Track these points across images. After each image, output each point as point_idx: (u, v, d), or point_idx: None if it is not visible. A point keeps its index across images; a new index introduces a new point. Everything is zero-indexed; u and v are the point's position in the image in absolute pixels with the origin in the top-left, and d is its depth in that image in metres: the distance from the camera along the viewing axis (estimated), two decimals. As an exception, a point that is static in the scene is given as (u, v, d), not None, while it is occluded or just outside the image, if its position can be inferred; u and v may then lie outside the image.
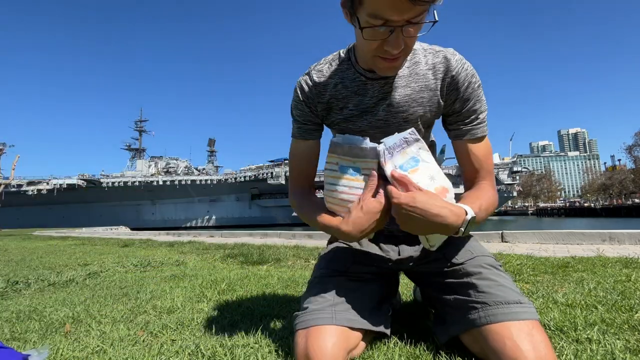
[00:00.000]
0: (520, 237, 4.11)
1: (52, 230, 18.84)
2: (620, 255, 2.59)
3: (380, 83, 0.93)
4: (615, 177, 74.25)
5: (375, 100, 0.94)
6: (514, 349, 0.73)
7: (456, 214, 0.78)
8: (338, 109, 0.98)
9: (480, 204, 0.86)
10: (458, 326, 0.86)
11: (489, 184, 0.95)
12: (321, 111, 0.99)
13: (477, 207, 0.83)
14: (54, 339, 1.19)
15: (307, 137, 1.02)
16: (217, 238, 7.02)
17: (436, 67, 0.92)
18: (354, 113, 0.97)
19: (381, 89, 0.93)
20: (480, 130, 0.94)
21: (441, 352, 0.86)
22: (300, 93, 0.98)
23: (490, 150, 0.97)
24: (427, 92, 0.93)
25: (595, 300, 1.32)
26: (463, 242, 0.98)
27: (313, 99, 0.97)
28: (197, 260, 3.42)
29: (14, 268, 3.28)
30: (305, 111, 0.99)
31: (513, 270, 2.10)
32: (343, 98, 0.96)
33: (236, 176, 48.47)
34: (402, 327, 1.08)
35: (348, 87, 0.95)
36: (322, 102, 0.98)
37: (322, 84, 0.96)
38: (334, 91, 0.96)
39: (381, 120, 0.96)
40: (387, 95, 0.93)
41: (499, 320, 0.78)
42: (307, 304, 0.91)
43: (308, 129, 1.01)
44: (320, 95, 0.97)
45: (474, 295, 0.85)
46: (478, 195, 0.90)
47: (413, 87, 0.92)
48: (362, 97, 0.95)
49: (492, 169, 0.97)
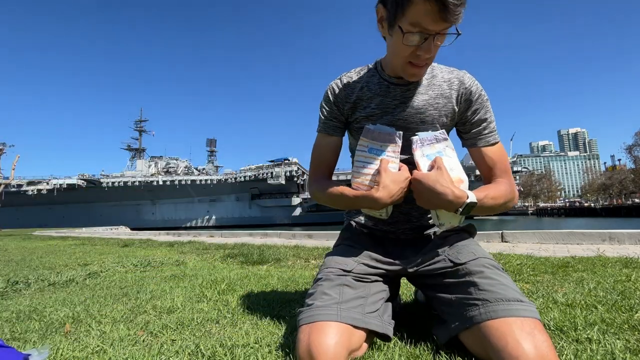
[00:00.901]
0: (520, 237, 4.11)
1: (52, 230, 18.84)
2: (620, 255, 2.59)
3: (402, 89, 1.08)
4: (615, 177, 74.26)
5: (396, 102, 1.08)
6: (515, 347, 0.73)
7: (457, 196, 0.90)
8: (362, 107, 1.12)
9: (487, 193, 0.98)
10: (459, 324, 0.86)
11: (504, 180, 1.06)
12: (347, 110, 1.13)
13: (483, 195, 0.96)
14: (54, 339, 1.19)
15: (331, 132, 1.17)
16: (217, 238, 7.02)
17: (451, 81, 1.08)
18: (376, 112, 1.10)
19: (402, 94, 1.08)
20: (492, 137, 1.08)
21: (441, 352, 0.86)
22: (330, 94, 1.15)
23: (503, 153, 1.09)
24: (442, 99, 1.08)
25: (595, 300, 1.32)
26: (466, 245, 1.03)
27: (342, 98, 1.13)
28: (197, 260, 3.41)
29: (14, 268, 3.28)
30: (333, 109, 1.15)
31: (513, 270, 2.10)
32: (368, 98, 1.11)
33: (236, 176, 48.49)
34: (402, 327, 1.08)
35: (372, 90, 1.11)
36: (349, 101, 1.13)
37: (351, 86, 1.13)
38: (360, 92, 1.12)
39: (401, 120, 1.08)
40: (407, 100, 1.08)
41: (499, 316, 0.78)
42: (312, 301, 0.93)
43: (333, 125, 1.16)
44: (348, 96, 1.13)
45: (475, 293, 0.86)
46: (488, 187, 1.03)
47: (430, 94, 1.08)
48: (384, 98, 1.09)
49: (508, 168, 1.09)
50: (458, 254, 0.99)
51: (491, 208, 0.99)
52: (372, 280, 1.03)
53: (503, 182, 1.05)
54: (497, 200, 0.99)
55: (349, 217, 1.29)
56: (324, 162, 1.19)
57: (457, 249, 1.02)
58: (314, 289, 0.98)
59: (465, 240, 1.07)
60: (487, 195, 0.97)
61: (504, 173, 1.07)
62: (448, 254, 1.01)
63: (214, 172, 57.98)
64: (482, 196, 0.96)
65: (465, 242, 1.06)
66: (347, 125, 1.17)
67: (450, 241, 1.06)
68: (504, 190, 1.02)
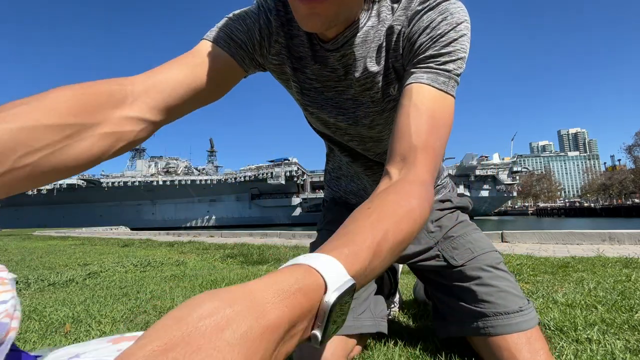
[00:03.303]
0: (520, 237, 4.11)
1: (52, 230, 18.83)
2: (620, 255, 2.59)
3: (335, 56, 0.68)
4: (615, 177, 74.31)
5: (340, 73, 0.71)
6: (511, 359, 0.73)
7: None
8: (293, 68, 0.73)
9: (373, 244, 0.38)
10: (457, 330, 0.85)
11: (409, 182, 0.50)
12: (274, 56, 0.71)
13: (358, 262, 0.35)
14: (54, 339, 1.19)
15: (233, 53, 0.64)
16: (217, 238, 7.02)
17: (392, 24, 0.66)
18: (314, 85, 0.74)
19: (340, 61, 0.69)
20: (428, 74, 0.57)
21: (441, 352, 0.86)
22: (258, 12, 0.67)
23: (443, 119, 0.56)
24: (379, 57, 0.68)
25: (595, 300, 1.32)
26: (462, 235, 0.92)
27: (271, 32, 0.68)
28: (197, 260, 3.41)
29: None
30: (253, 33, 0.66)
31: (513, 270, 2.10)
32: (300, 58, 0.71)
33: (236, 176, 48.53)
34: (402, 327, 1.08)
35: (306, 46, 0.69)
36: (279, 42, 0.70)
37: (282, 21, 0.69)
38: (292, 44, 0.70)
39: (350, 100, 0.74)
40: (350, 69, 0.70)
41: (498, 333, 0.77)
42: None
43: (241, 52, 0.65)
44: (278, 33, 0.69)
45: (473, 304, 0.82)
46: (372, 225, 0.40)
47: (366, 55, 0.68)
48: (321, 67, 0.71)
49: (432, 145, 0.54)
50: (453, 252, 0.89)
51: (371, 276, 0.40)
52: None
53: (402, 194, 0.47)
54: (392, 250, 0.41)
55: (330, 187, 1.07)
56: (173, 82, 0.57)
57: (452, 242, 0.91)
58: None
59: (461, 224, 0.94)
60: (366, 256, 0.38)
61: (421, 153, 0.53)
62: (442, 248, 0.91)
63: (214, 172, 57.99)
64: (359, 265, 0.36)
65: (462, 228, 0.93)
66: (258, 67, 0.71)
67: (444, 227, 0.94)
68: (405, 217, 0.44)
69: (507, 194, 52.39)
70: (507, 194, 52.56)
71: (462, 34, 0.58)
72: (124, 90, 0.52)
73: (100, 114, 0.49)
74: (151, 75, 0.57)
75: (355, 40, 0.66)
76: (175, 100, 0.58)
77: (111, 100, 0.50)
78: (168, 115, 0.58)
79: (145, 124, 0.55)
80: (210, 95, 0.64)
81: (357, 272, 0.35)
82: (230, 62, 0.64)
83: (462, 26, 0.58)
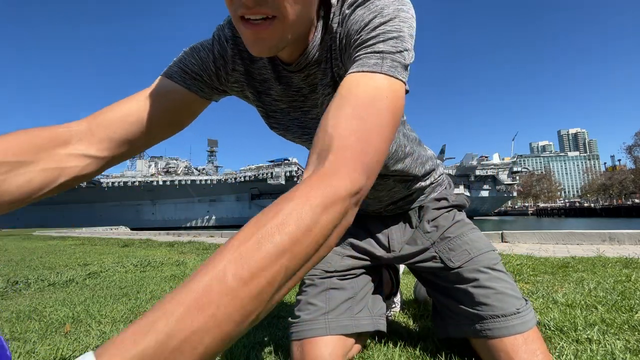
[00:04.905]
0: (520, 237, 4.11)
1: (52, 230, 18.83)
2: (620, 255, 2.59)
3: (298, 76, 0.67)
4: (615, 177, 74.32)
5: (305, 92, 0.69)
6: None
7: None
8: (256, 92, 0.72)
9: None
10: (455, 331, 0.85)
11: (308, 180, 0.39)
12: (234, 83, 0.70)
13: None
14: (54, 339, 1.19)
15: (189, 85, 0.65)
16: (217, 238, 7.02)
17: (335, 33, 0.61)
18: (280, 105, 0.72)
19: (305, 81, 0.67)
20: (362, 62, 0.50)
21: (441, 352, 0.86)
22: (213, 43, 0.67)
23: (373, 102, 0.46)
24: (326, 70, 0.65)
25: (595, 301, 1.32)
26: (459, 235, 0.91)
27: (227, 61, 0.68)
28: (197, 260, 3.41)
29: (14, 268, 3.28)
30: (207, 65, 0.66)
31: (513, 270, 2.10)
32: (263, 80, 0.70)
33: (236, 176, 48.55)
34: (402, 327, 1.08)
35: (268, 68, 0.68)
36: (237, 70, 0.69)
37: (240, 48, 0.68)
38: (253, 67, 0.69)
39: (314, 120, 0.72)
40: (316, 88, 0.68)
41: (495, 336, 0.77)
42: (299, 313, 0.88)
43: (197, 83, 0.66)
44: (235, 62, 0.68)
45: (471, 306, 0.82)
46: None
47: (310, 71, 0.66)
48: (286, 88, 0.69)
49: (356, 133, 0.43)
50: (450, 253, 0.88)
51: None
52: (359, 274, 0.95)
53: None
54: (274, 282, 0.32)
55: None
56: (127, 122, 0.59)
57: (449, 243, 0.90)
58: (300, 297, 0.92)
59: (457, 223, 0.94)
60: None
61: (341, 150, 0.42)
62: (439, 250, 0.90)
63: (214, 172, 57.97)
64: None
65: (459, 229, 0.92)
66: (222, 93, 0.71)
67: (440, 227, 0.93)
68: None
69: (507, 194, 52.40)
70: (507, 194, 52.57)
71: (392, 17, 0.52)
72: (70, 132, 0.56)
73: (41, 153, 0.52)
74: (99, 114, 0.59)
75: (319, 58, 0.64)
76: (123, 134, 0.59)
77: (55, 141, 0.54)
78: (118, 148, 0.60)
79: (90, 160, 0.57)
80: (168, 128, 0.65)
81: (132, 355, 0.25)
82: (187, 94, 0.65)
83: (390, 9, 0.52)
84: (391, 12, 0.52)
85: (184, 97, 0.65)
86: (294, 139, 0.79)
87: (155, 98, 0.62)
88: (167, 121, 0.64)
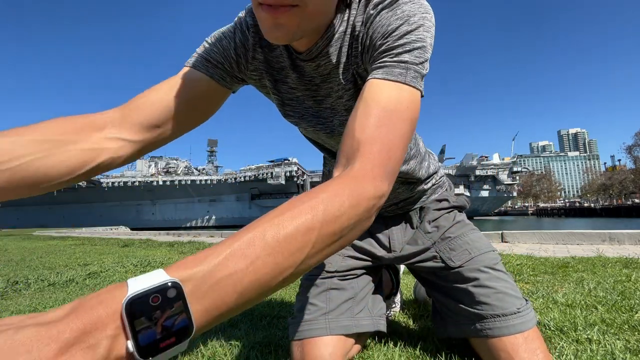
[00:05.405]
0: (520, 237, 4.11)
1: (52, 230, 18.84)
2: (620, 255, 2.59)
3: (309, 65, 0.69)
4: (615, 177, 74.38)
5: (317, 81, 0.71)
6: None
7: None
8: (273, 80, 0.74)
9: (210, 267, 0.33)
10: (456, 331, 0.86)
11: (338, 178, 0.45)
12: (253, 71, 0.72)
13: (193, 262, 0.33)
14: (53, 339, 1.19)
15: (212, 73, 0.67)
16: (217, 238, 7.02)
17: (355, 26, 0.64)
18: (296, 94, 0.74)
19: (316, 71, 0.69)
20: (383, 69, 0.54)
21: (441, 352, 0.86)
22: (234, 31, 0.69)
23: (399, 112, 0.50)
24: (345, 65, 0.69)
25: (595, 301, 1.32)
26: (460, 236, 0.92)
27: (247, 49, 0.69)
28: (197, 260, 3.41)
29: (14, 268, 3.28)
30: (228, 53, 0.68)
31: (513, 270, 2.10)
32: (280, 68, 0.72)
33: (236, 176, 48.56)
34: (402, 327, 1.08)
35: (284, 57, 0.70)
36: (257, 59, 0.71)
37: (260, 36, 0.69)
38: (271, 56, 0.71)
39: (328, 109, 0.75)
40: (327, 79, 0.70)
41: (495, 335, 0.77)
42: (299, 313, 0.88)
43: (219, 71, 0.68)
44: (256, 50, 0.70)
45: (471, 306, 0.82)
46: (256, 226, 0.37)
47: (325, 65, 0.68)
48: (300, 76, 0.71)
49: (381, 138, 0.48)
50: (451, 253, 0.89)
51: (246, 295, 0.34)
52: (360, 274, 0.95)
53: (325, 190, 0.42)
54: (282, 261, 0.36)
55: None
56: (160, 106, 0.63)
57: (449, 243, 0.90)
58: (300, 297, 0.92)
59: (458, 224, 0.94)
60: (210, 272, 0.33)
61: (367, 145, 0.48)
62: (440, 250, 0.90)
63: (214, 172, 57.97)
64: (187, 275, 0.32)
65: (459, 229, 0.93)
66: (241, 82, 0.73)
67: (441, 227, 0.94)
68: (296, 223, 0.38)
69: (507, 194, 52.39)
70: (507, 194, 52.56)
71: (418, 25, 0.54)
72: (104, 118, 0.60)
73: (80, 134, 0.56)
74: (131, 102, 0.63)
75: (329, 49, 0.66)
76: (152, 120, 0.62)
77: (91, 125, 0.58)
78: (149, 133, 0.63)
79: (124, 142, 0.61)
80: (193, 115, 0.68)
81: (189, 274, 0.32)
82: (210, 82, 0.67)
83: (416, 18, 0.55)
84: (417, 21, 0.55)
85: (206, 86, 0.67)
86: (308, 127, 0.80)
87: (179, 86, 0.64)
88: (191, 109, 0.66)
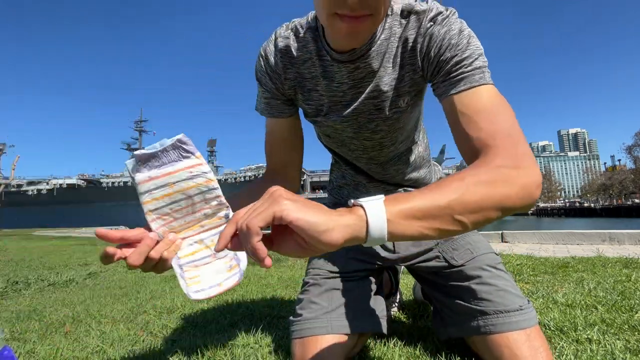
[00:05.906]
0: (520, 237, 4.11)
1: (52, 230, 18.84)
2: (620, 255, 2.59)
3: (348, 67, 0.74)
4: (615, 177, 74.40)
5: (344, 89, 0.78)
6: (511, 357, 0.73)
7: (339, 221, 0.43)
8: (305, 91, 0.81)
9: (419, 203, 0.46)
10: (457, 330, 0.85)
11: (486, 160, 0.54)
12: (289, 90, 0.81)
13: (407, 206, 0.45)
14: (54, 339, 1.19)
15: (276, 114, 0.83)
16: (217, 238, 7.01)
17: (414, 38, 0.71)
18: (324, 101, 0.81)
19: (350, 75, 0.75)
20: (468, 79, 0.63)
21: (441, 352, 0.86)
22: (264, 63, 0.79)
23: (497, 105, 0.61)
24: (402, 70, 0.75)
25: (595, 301, 1.32)
26: (462, 239, 0.93)
27: (279, 74, 0.79)
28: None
29: (14, 268, 3.28)
30: (269, 86, 0.80)
31: (513, 270, 2.10)
32: (312, 78, 0.79)
33: (236, 176, 48.64)
34: (402, 327, 1.08)
35: (317, 66, 0.77)
36: (288, 78, 0.79)
37: (288, 55, 0.77)
38: (303, 67, 0.78)
39: (352, 116, 0.82)
40: (357, 84, 0.76)
41: (498, 331, 0.77)
42: (301, 311, 0.88)
43: (276, 104, 0.82)
44: (287, 70, 0.79)
45: (473, 303, 0.82)
46: (431, 188, 0.49)
47: (386, 67, 0.74)
48: (329, 83, 0.78)
49: (505, 130, 0.57)
50: (453, 252, 0.90)
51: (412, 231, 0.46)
52: (362, 276, 0.96)
53: (475, 169, 0.53)
54: (452, 209, 0.47)
55: (332, 196, 1.11)
56: (274, 155, 0.87)
57: (452, 243, 0.92)
58: (302, 296, 0.92)
59: None
60: (418, 203, 0.46)
61: (495, 139, 0.56)
62: (443, 249, 0.92)
63: (214, 172, 57.94)
64: (406, 206, 0.45)
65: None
66: (291, 102, 0.85)
67: None
68: (476, 185, 0.49)
69: (507, 194, 52.35)
70: (507, 194, 52.52)
71: (470, 36, 0.66)
72: (273, 173, 0.87)
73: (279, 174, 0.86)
74: (269, 164, 0.88)
75: (370, 53, 0.72)
76: (284, 163, 0.87)
77: (284, 178, 0.86)
78: (291, 167, 0.88)
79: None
80: (295, 147, 0.88)
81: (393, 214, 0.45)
82: (280, 122, 0.84)
83: (466, 31, 0.66)
84: (466, 32, 0.66)
85: (281, 125, 0.84)
86: (334, 124, 0.85)
87: (270, 136, 0.86)
88: (291, 145, 0.87)
